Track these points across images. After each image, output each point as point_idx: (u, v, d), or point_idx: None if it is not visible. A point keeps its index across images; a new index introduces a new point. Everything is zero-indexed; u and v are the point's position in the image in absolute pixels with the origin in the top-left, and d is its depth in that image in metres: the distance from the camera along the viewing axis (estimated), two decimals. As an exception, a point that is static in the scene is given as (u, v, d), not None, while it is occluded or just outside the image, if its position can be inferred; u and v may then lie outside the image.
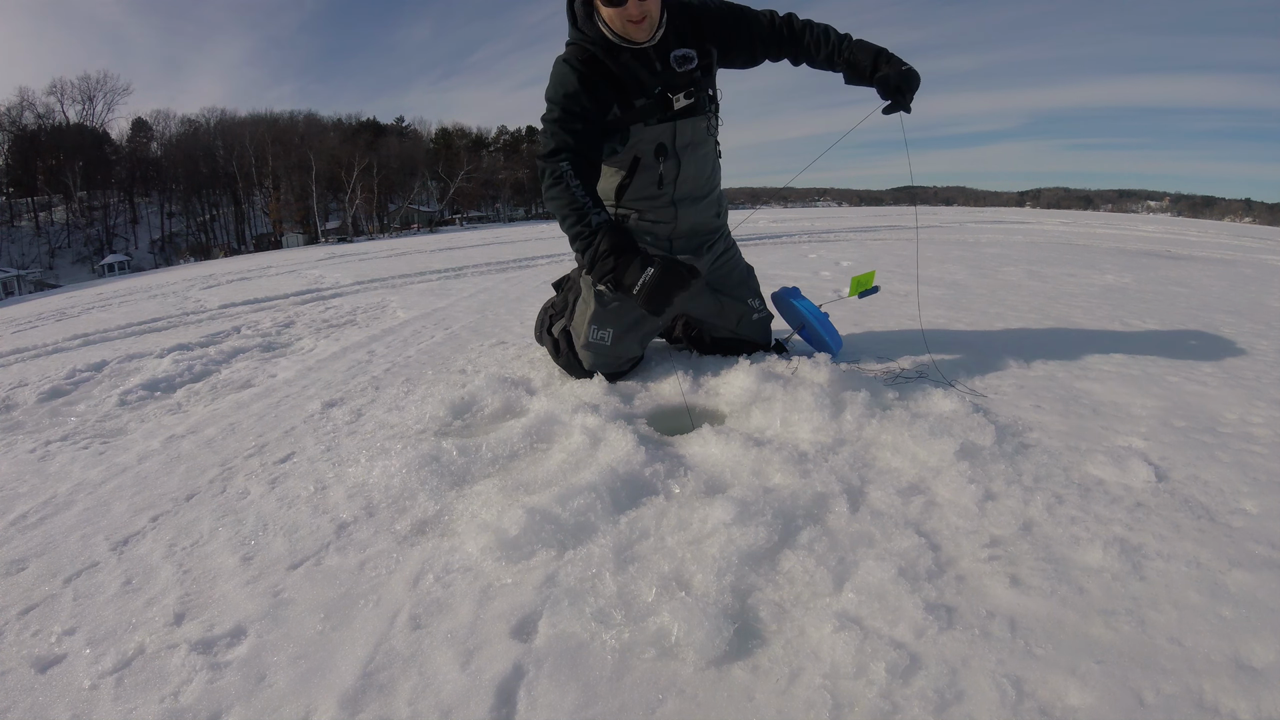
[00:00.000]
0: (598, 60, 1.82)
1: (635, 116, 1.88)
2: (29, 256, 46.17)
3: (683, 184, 2.01)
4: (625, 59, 1.83)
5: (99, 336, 3.93)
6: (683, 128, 1.92)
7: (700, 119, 1.95)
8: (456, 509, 1.37)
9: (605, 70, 1.83)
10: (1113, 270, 5.00)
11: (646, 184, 2.00)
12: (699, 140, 1.98)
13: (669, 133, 1.92)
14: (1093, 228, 12.41)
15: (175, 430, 1.99)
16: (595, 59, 1.82)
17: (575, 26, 1.86)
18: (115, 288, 8.98)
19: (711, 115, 2.01)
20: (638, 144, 1.93)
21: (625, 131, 1.90)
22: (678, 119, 1.91)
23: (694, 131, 1.95)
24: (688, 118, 1.92)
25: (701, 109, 1.95)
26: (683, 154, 1.96)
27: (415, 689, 0.92)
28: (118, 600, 1.16)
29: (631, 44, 1.82)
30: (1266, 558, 1.11)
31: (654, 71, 1.86)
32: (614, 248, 1.72)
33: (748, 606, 1.04)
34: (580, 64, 1.81)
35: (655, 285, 1.68)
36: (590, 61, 1.82)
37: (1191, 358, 2.28)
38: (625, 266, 1.71)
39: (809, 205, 76.89)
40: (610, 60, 1.82)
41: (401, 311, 3.99)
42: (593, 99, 1.80)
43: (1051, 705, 0.84)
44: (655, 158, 1.94)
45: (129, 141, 54.78)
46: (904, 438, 1.55)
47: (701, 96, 1.93)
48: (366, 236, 43.27)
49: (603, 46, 1.83)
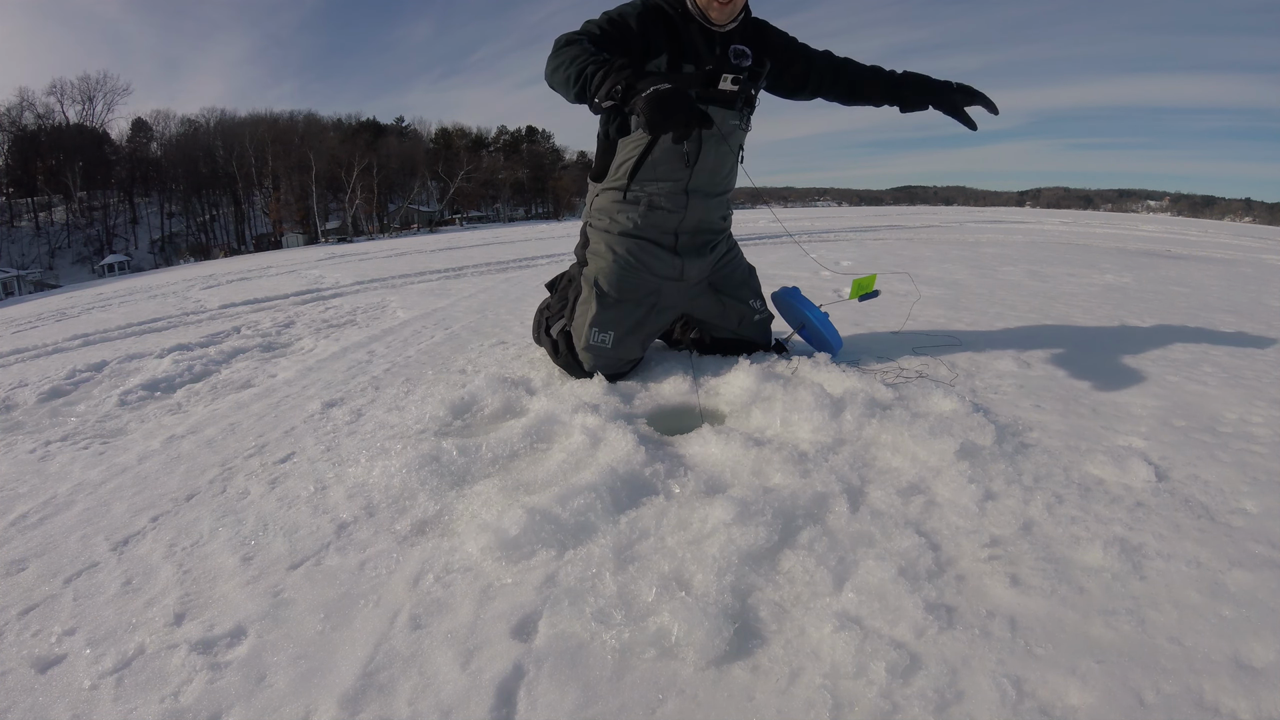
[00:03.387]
0: (668, 15, 1.89)
1: (677, 80, 1.87)
2: (29, 257, 46.16)
3: (699, 173, 2.00)
4: (694, 30, 1.90)
5: (99, 336, 3.93)
6: (713, 114, 1.92)
7: (733, 114, 1.97)
8: (456, 509, 1.37)
9: (672, 27, 1.88)
10: (1113, 270, 5.00)
11: (663, 161, 1.97)
12: (725, 133, 1.98)
13: None
14: (1093, 227, 12.40)
15: (175, 430, 1.99)
16: (667, 14, 1.89)
17: None
18: (115, 288, 8.98)
19: (745, 115, 2.03)
20: None
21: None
22: (713, 104, 1.91)
23: (723, 123, 1.95)
24: (722, 107, 1.93)
25: (738, 104, 1.97)
26: (706, 140, 1.96)
27: (415, 689, 0.92)
28: (118, 600, 1.16)
29: (707, 22, 1.89)
30: (1266, 557, 1.11)
31: (713, 53, 1.92)
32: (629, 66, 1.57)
33: (748, 606, 1.04)
34: (651, 7, 1.87)
35: (663, 94, 1.48)
36: (660, 11, 1.88)
37: (1191, 358, 2.27)
38: (641, 78, 1.53)
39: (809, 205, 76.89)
40: (680, 23, 1.89)
41: (401, 311, 3.99)
42: (643, 37, 1.84)
43: (1051, 705, 0.84)
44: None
45: (129, 142, 54.78)
46: (904, 437, 1.55)
47: (745, 91, 1.96)
48: (366, 236, 43.27)
49: (679, 10, 1.89)
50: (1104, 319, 3.02)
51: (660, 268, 2.06)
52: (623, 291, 2.04)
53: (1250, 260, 6.48)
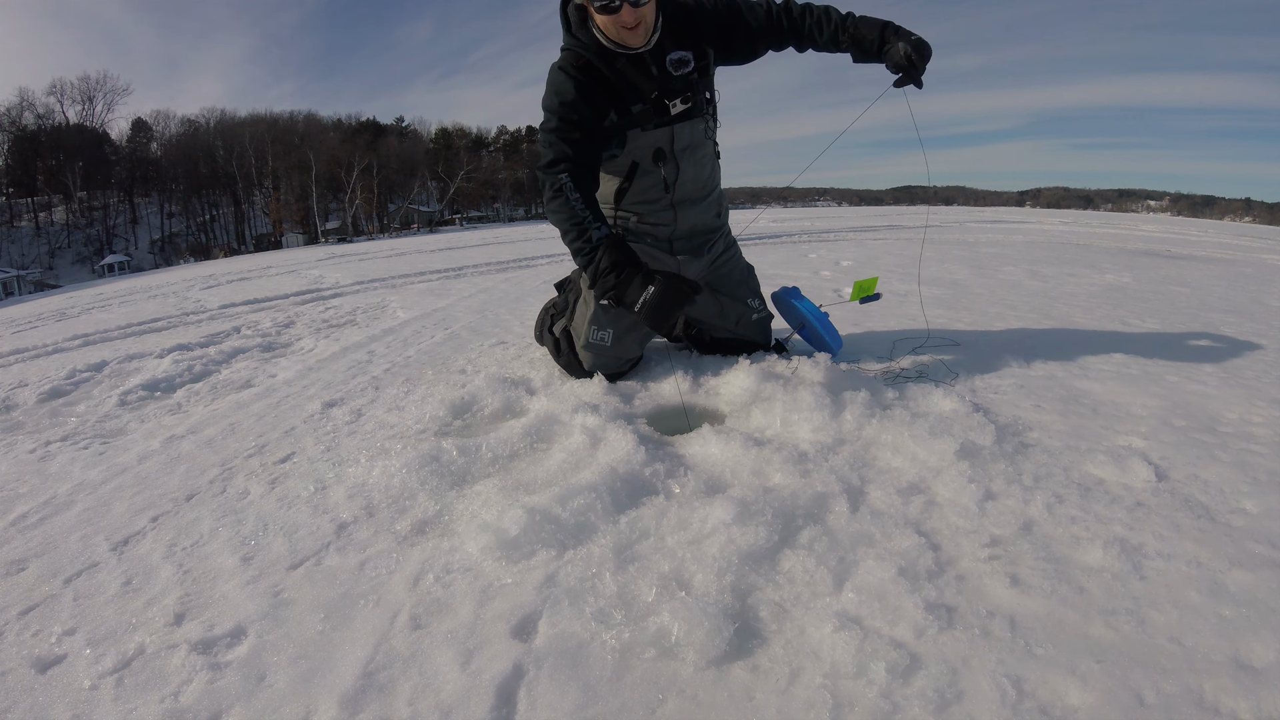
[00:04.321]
0: (593, 67, 1.81)
1: (632, 122, 1.88)
2: (29, 257, 46.17)
3: (682, 186, 2.01)
4: (621, 65, 1.82)
5: (99, 337, 3.93)
6: (680, 131, 1.92)
7: (698, 122, 1.95)
8: (456, 509, 1.37)
9: (601, 77, 1.81)
10: (1113, 270, 5.00)
11: (645, 188, 1.99)
12: (697, 143, 1.98)
13: (667, 137, 1.92)
14: (1093, 227, 12.41)
15: (175, 430, 1.99)
16: (591, 65, 1.81)
17: (569, 33, 1.84)
18: (115, 288, 8.98)
19: (709, 117, 2.00)
20: (635, 149, 1.92)
21: (623, 136, 1.89)
22: (675, 123, 1.90)
23: (692, 135, 1.95)
24: (685, 121, 1.92)
25: (699, 112, 1.94)
26: (681, 157, 1.96)
27: (415, 689, 0.92)
28: (118, 600, 1.16)
29: (627, 50, 1.80)
30: (1266, 557, 1.11)
31: (650, 76, 1.84)
32: (615, 264, 1.73)
33: (748, 606, 1.04)
34: (576, 71, 1.80)
35: (657, 303, 1.70)
36: (586, 68, 1.81)
37: (1191, 358, 2.27)
38: (626, 284, 1.72)
39: (809, 205, 76.90)
40: (606, 66, 1.81)
41: (401, 311, 3.99)
42: (590, 107, 1.79)
43: (1051, 705, 0.84)
44: (654, 163, 1.94)
45: (129, 142, 54.81)
46: (904, 437, 1.55)
47: (699, 99, 1.92)
48: (366, 236, 43.27)
49: (598, 53, 1.81)
50: (1104, 319, 3.02)
51: (658, 268, 2.06)
52: None
53: (1250, 260, 6.48)
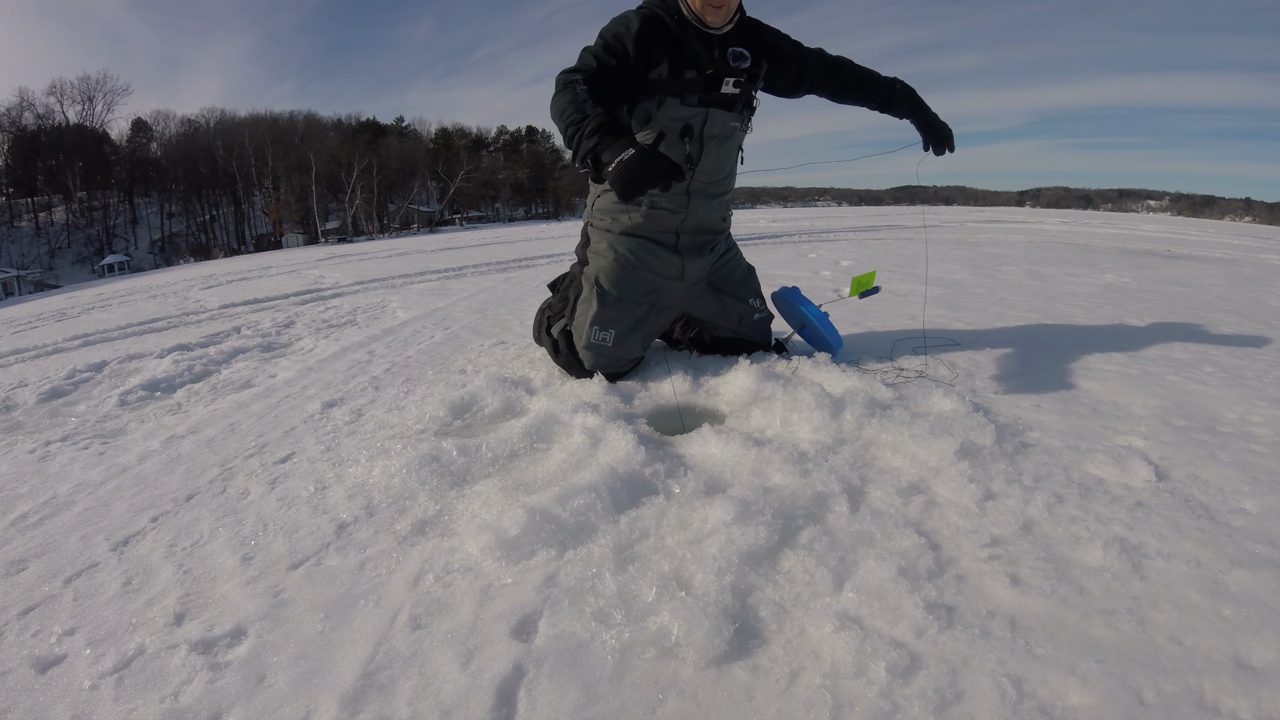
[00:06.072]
0: (665, 24, 1.89)
1: (679, 88, 1.91)
2: (29, 257, 46.17)
3: (701, 173, 2.02)
4: (692, 35, 1.91)
5: (99, 337, 3.93)
6: (715, 116, 1.95)
7: (734, 116, 1.99)
8: (456, 509, 1.37)
9: (670, 35, 1.89)
10: (1113, 270, 5.00)
11: None
12: (725, 135, 2.00)
13: (700, 117, 1.94)
14: (1093, 227, 12.40)
15: (175, 430, 1.99)
16: (663, 22, 1.89)
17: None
18: (115, 288, 8.98)
19: (746, 118, 2.05)
20: (665, 119, 1.93)
21: (662, 99, 1.92)
22: (713, 107, 1.94)
23: (724, 125, 1.98)
24: (722, 110, 1.95)
25: (739, 106, 1.99)
26: (707, 142, 1.98)
27: (415, 689, 0.92)
28: (118, 600, 1.16)
29: (702, 25, 1.89)
30: (1266, 557, 1.11)
31: (712, 57, 1.92)
32: (600, 128, 1.62)
33: (748, 606, 1.04)
34: (647, 18, 1.88)
35: (628, 165, 1.54)
36: (657, 21, 1.89)
37: (1191, 357, 2.27)
38: (607, 146, 1.59)
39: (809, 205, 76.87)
40: (678, 28, 1.90)
41: (401, 311, 3.99)
42: (643, 50, 1.85)
43: (1052, 705, 0.84)
44: (680, 138, 1.96)
45: (129, 142, 54.81)
46: (904, 437, 1.55)
47: (746, 92, 1.98)
48: (366, 236, 43.27)
49: (674, 16, 1.90)
50: (1104, 319, 3.02)
51: (661, 266, 2.06)
52: (623, 290, 2.04)
53: (1250, 260, 6.48)
